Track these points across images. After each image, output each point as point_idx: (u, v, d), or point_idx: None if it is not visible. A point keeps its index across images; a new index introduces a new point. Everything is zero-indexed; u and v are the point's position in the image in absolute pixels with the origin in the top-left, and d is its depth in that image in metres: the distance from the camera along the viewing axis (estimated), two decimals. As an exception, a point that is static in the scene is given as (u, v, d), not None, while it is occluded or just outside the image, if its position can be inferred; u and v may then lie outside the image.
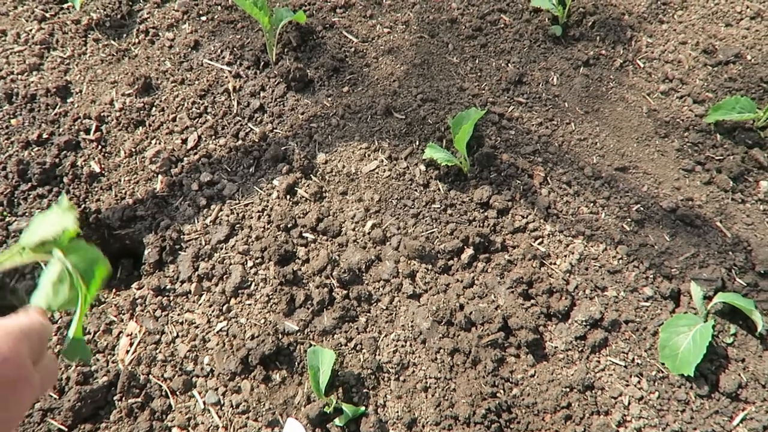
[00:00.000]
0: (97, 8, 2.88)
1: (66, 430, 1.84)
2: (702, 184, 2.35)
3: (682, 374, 1.89)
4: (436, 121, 2.45)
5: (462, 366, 1.94)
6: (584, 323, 2.00)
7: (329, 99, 2.53)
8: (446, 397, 1.88)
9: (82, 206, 2.28)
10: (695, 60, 2.71)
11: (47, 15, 2.89)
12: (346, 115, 2.48)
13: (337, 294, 2.07)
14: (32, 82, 2.65)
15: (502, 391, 1.90)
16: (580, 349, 1.98)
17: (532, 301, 2.07)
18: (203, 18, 2.84)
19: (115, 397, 1.90)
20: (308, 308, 2.04)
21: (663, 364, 1.93)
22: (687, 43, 2.77)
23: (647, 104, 2.59)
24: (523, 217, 2.23)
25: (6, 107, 2.56)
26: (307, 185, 2.31)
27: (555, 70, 2.67)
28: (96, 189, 2.37)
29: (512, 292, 2.07)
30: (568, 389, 1.90)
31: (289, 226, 2.20)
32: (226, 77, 2.61)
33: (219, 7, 2.88)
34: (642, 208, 2.28)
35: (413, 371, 1.94)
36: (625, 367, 1.94)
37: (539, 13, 2.87)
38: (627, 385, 1.91)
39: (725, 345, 1.97)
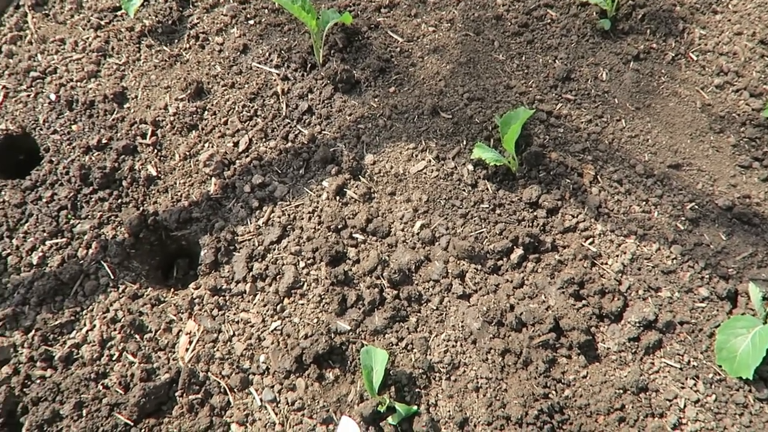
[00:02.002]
0: (150, 15, 2.96)
1: (132, 424, 1.93)
2: (760, 180, 2.29)
3: (741, 377, 1.85)
4: (483, 120, 2.45)
5: (513, 366, 1.94)
6: (638, 324, 1.98)
7: (376, 100, 2.55)
8: (498, 398, 1.89)
9: (141, 209, 2.37)
10: (752, 51, 2.63)
11: (102, 23, 3.00)
12: (393, 115, 2.49)
13: (388, 294, 2.10)
14: (90, 88, 2.75)
15: (554, 392, 1.90)
16: (633, 350, 1.96)
17: (584, 301, 2.06)
18: (251, 22, 2.89)
19: (176, 393, 1.98)
20: (359, 308, 2.07)
21: (720, 366, 1.90)
22: (742, 34, 2.68)
23: (701, 99, 2.53)
24: (573, 217, 2.22)
25: (67, 113, 2.67)
26: (356, 186, 2.34)
27: (604, 66, 2.63)
28: (153, 192, 2.45)
29: (563, 292, 2.06)
30: (621, 391, 1.89)
31: (339, 227, 2.24)
32: (275, 80, 2.66)
33: (266, 11, 2.93)
34: (696, 207, 2.23)
35: (464, 371, 1.96)
36: (681, 369, 1.92)
37: (587, 6, 2.82)
38: (683, 388, 1.88)
39: (786, 347, 1.92)
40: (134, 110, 2.68)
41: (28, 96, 2.74)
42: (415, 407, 1.89)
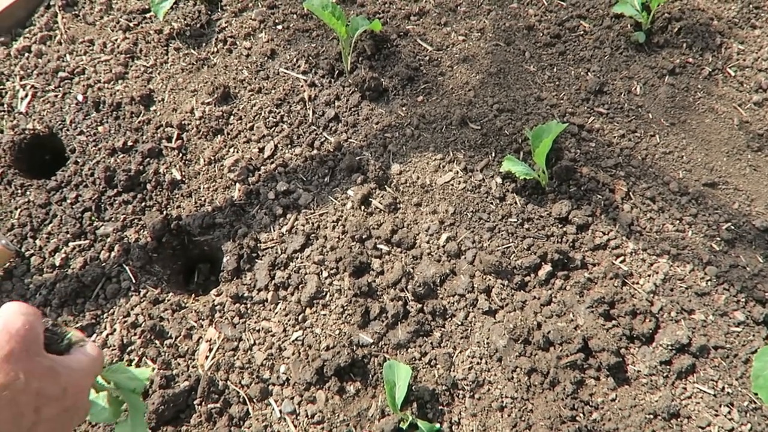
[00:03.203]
0: (178, 18, 2.96)
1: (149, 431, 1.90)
2: (799, 202, 2.21)
3: (778, 407, 1.78)
4: (512, 132, 2.40)
5: (539, 386, 1.89)
6: (670, 347, 1.91)
7: (404, 108, 2.52)
8: (523, 418, 1.84)
9: (164, 213, 2.35)
10: (792, 68, 2.55)
11: (131, 25, 3.00)
12: (420, 125, 2.46)
13: (412, 307, 2.05)
14: (118, 90, 2.75)
15: (581, 415, 1.84)
16: (665, 374, 1.89)
17: (614, 322, 2.00)
18: (279, 27, 2.88)
19: (195, 402, 1.96)
20: (383, 321, 2.03)
21: (756, 394, 1.83)
22: (782, 50, 2.61)
23: (739, 116, 2.46)
24: (603, 234, 2.16)
25: (94, 115, 2.67)
26: (382, 196, 2.30)
27: (638, 79, 2.57)
28: (177, 196, 2.44)
29: (592, 311, 2.00)
30: (651, 416, 1.82)
31: (363, 237, 2.20)
32: (302, 86, 2.64)
33: (295, 16, 2.92)
34: (733, 227, 2.16)
35: (489, 389, 1.91)
36: (714, 395, 1.85)
37: (621, 19, 2.77)
38: (716, 415, 1.81)
39: (827, 377, 1.84)
40: (160, 113, 2.67)
41: (56, 96, 2.75)
42: (438, 425, 1.84)
